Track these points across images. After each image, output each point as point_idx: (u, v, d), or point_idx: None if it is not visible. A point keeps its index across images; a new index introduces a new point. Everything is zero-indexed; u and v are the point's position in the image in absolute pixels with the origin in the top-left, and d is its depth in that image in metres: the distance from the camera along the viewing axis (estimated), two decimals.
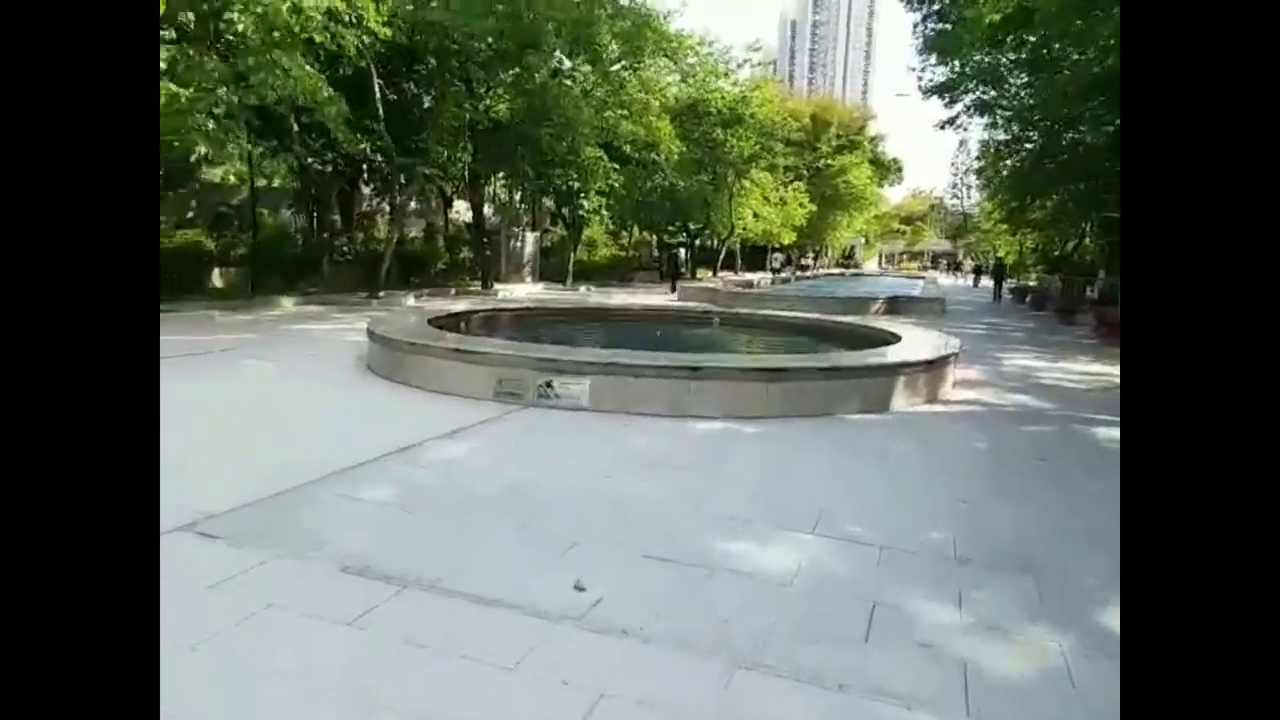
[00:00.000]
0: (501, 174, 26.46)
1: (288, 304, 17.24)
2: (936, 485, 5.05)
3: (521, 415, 6.51)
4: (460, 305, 16.73)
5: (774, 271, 43.78)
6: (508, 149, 21.63)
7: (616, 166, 24.07)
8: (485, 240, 24.16)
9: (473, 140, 21.88)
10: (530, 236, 30.84)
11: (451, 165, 21.06)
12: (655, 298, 24.08)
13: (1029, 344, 14.54)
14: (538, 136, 20.16)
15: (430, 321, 9.35)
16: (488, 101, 21.28)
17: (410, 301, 19.68)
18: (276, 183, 22.00)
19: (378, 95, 18.23)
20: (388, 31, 14.43)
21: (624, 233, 45.97)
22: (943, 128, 24.93)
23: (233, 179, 24.98)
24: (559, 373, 6.70)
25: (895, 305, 20.64)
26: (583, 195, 24.88)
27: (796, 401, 6.84)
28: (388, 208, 20.29)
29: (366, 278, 22.13)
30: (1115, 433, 6.90)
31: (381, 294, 19.86)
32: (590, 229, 44.27)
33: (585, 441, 5.78)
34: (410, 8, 15.19)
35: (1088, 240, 30.75)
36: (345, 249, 22.88)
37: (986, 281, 44.43)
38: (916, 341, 9.21)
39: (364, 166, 22.09)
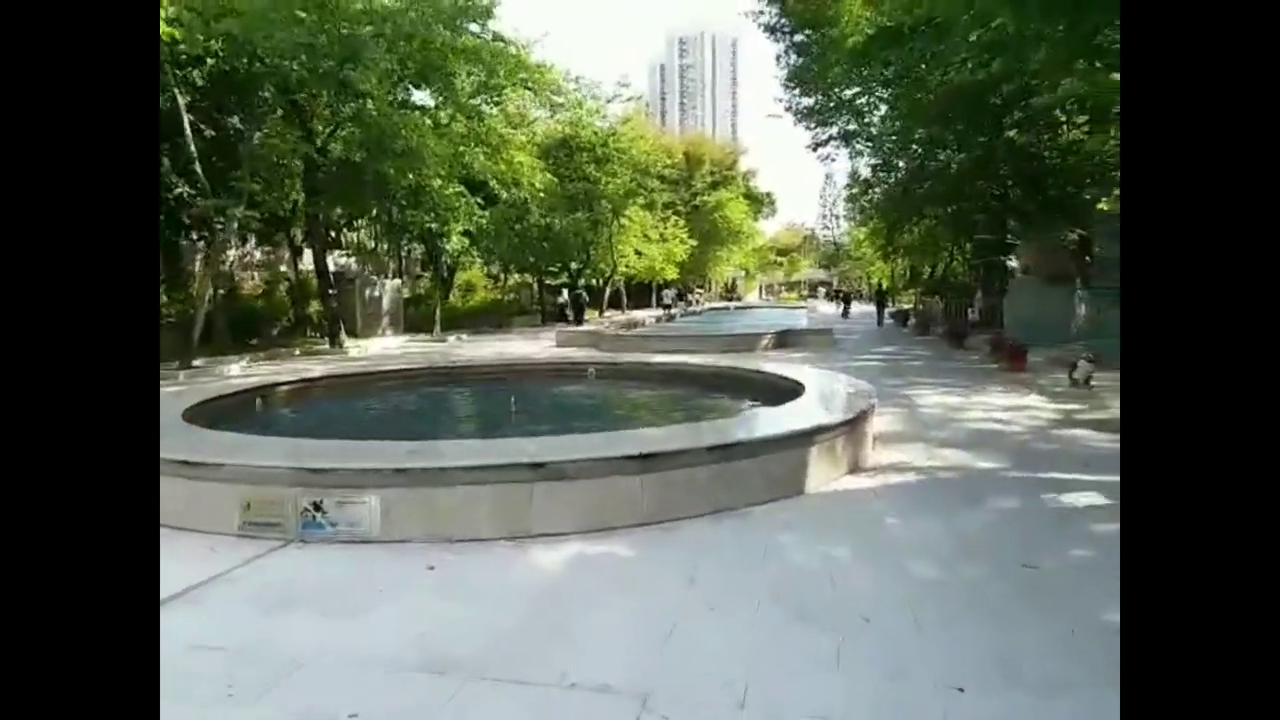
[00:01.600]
0: (356, 217, 23.72)
1: None
2: (905, 648, 3.20)
3: (271, 563, 4.24)
4: (287, 370, 14.05)
5: (665, 308, 43.07)
6: (350, 187, 19.06)
7: (480, 202, 21.93)
8: (331, 291, 21.26)
9: (308, 178, 19.22)
10: (389, 285, 28.01)
11: (278, 206, 18.26)
12: (532, 345, 21.93)
13: (932, 375, 13.42)
14: (381, 171, 17.75)
15: (192, 410, 6.82)
16: (322, 133, 18.72)
17: (234, 369, 16.63)
18: None
19: (187, 130, 15.43)
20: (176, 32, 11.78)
21: (504, 276, 43.83)
22: (814, 149, 24.48)
23: None
24: (333, 486, 4.48)
25: (785, 339, 19.45)
26: (444, 236, 22.50)
27: (681, 498, 4.92)
28: (200, 258, 17.10)
29: (185, 342, 18.90)
30: (1097, 499, 5.38)
31: (198, 361, 16.72)
32: (468, 272, 41.86)
33: (355, 619, 3.58)
34: (199, 18, 12.59)
35: (955, 263, 31.21)
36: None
37: (864, 307, 45.28)
38: (825, 391, 7.55)
39: (185, 215, 18.99)
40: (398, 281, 29.07)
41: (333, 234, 31.42)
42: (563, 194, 33.36)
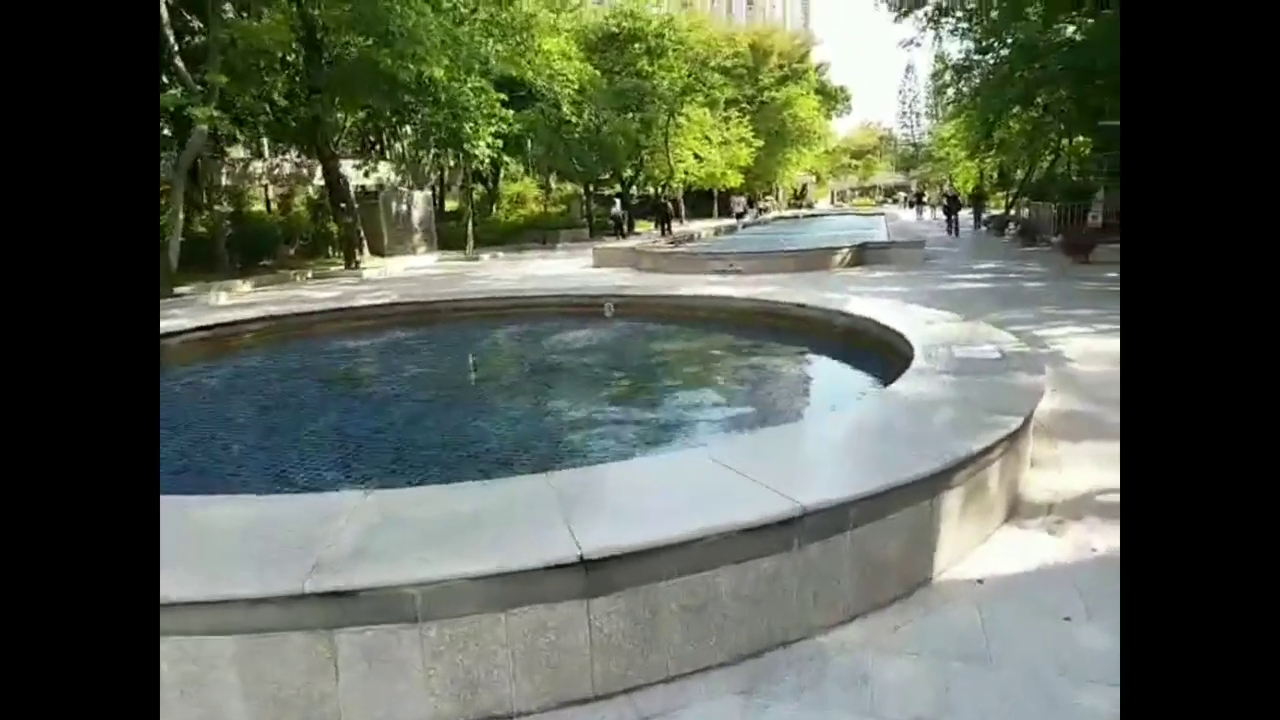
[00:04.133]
0: (353, 117, 21.00)
1: None
2: None
3: None
4: (271, 300, 11.91)
5: (738, 217, 40.34)
6: (349, 81, 16.36)
7: (504, 99, 18.92)
8: (343, 206, 18.92)
9: (309, 73, 16.59)
10: (420, 198, 25.54)
11: (256, 106, 15.76)
12: (567, 264, 19.30)
13: (1064, 304, 10.14)
14: (375, 61, 14.91)
15: None
16: (320, 16, 15.90)
17: (223, 298, 14.62)
18: None
19: (164, 16, 12.94)
20: None
21: (553, 186, 40.91)
22: (900, 17, 20.43)
23: None
24: None
25: (864, 254, 16.16)
26: (468, 140, 19.73)
27: (678, 636, 2.34)
28: (171, 166, 14.81)
29: (194, 263, 17.10)
30: None
31: (184, 289, 14.78)
32: (518, 184, 39.02)
33: None
34: None
35: (1058, 161, 26.51)
36: None
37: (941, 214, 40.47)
38: (946, 354, 4.73)
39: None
40: (428, 194, 26.49)
41: (376, 145, 29.06)
42: (611, 90, 29.81)
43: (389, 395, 6.62)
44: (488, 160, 23.38)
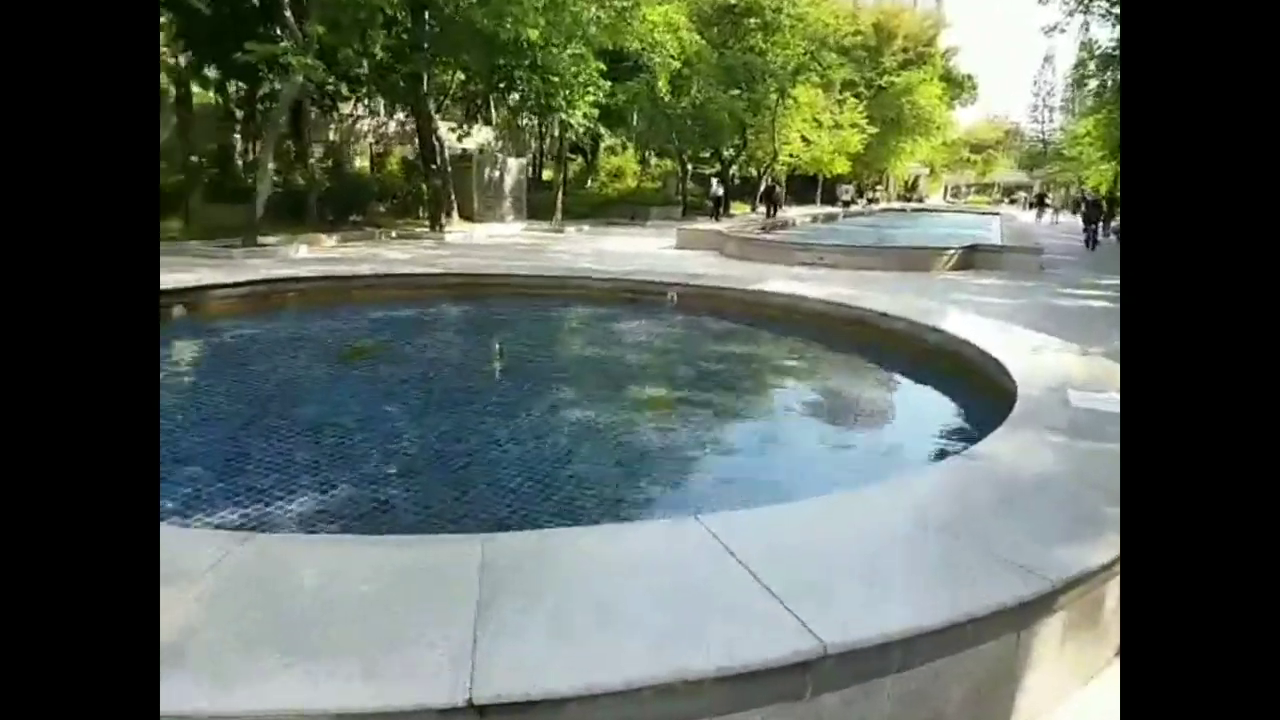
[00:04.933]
0: (452, 78, 20.73)
1: None
2: None
3: None
4: (353, 256, 11.75)
5: (844, 205, 39.04)
6: (451, 41, 16.04)
7: (602, 68, 18.23)
8: (435, 167, 18.78)
9: (415, 30, 16.39)
10: (513, 164, 25.27)
11: (355, 61, 15.63)
12: (649, 243, 18.56)
13: None
14: (475, 20, 14.47)
15: None
16: None
17: (302, 251, 14.67)
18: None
19: None
20: None
21: (652, 161, 40.13)
22: (1048, 33, 18.50)
23: None
24: None
25: (973, 256, 14.68)
26: (562, 109, 19.18)
27: None
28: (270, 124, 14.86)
29: (281, 214, 17.38)
30: None
31: (270, 240, 14.89)
32: (620, 157, 38.43)
33: None
34: None
35: None
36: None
37: (1067, 217, 36.92)
38: (1058, 388, 3.76)
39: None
40: (522, 162, 26.18)
41: (481, 110, 29.04)
42: (720, 65, 28.60)
43: (376, 381, 5.92)
44: (583, 130, 22.84)
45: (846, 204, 40.62)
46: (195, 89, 19.29)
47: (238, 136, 18.30)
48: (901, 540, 2.36)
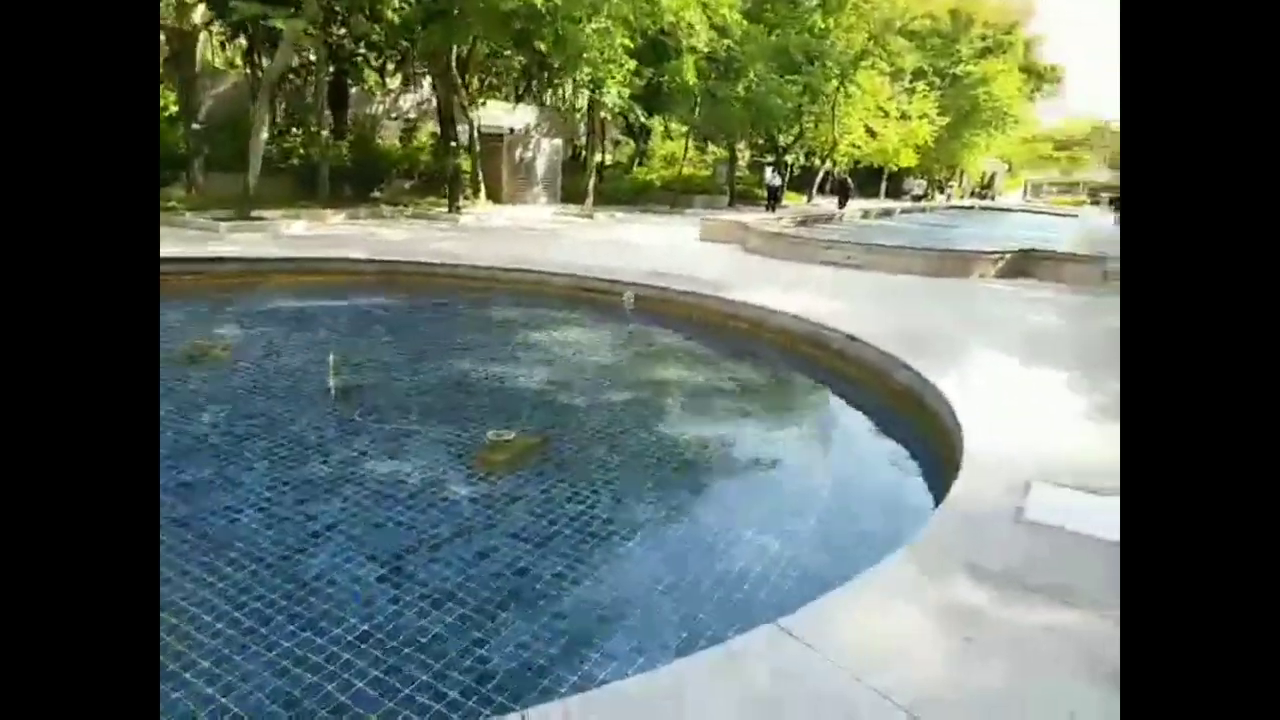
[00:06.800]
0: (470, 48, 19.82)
1: None
2: None
3: None
4: (336, 239, 10.95)
5: (914, 199, 37.05)
6: (463, 11, 15.11)
7: (628, 44, 17.01)
8: (454, 144, 17.96)
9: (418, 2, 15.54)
10: (547, 145, 24.30)
11: (368, 28, 14.83)
12: (672, 235, 17.29)
13: None
14: None
15: None
16: None
17: (298, 227, 14.02)
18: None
19: None
20: None
21: (712, 150, 38.67)
22: None
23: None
24: None
25: (1025, 263, 12.97)
26: (596, 88, 18.06)
27: None
28: (262, 89, 14.15)
29: (296, 187, 16.92)
30: None
31: (269, 214, 14.30)
32: (674, 142, 37.07)
33: None
34: None
35: None
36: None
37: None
38: (1018, 489, 2.51)
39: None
40: (557, 143, 25.18)
41: (525, 89, 28.19)
42: (771, 46, 26.93)
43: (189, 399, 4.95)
44: (617, 111, 21.68)
45: (917, 198, 38.72)
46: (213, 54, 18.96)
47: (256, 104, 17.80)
48: None
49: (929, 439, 3.80)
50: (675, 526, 3.49)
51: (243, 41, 19.32)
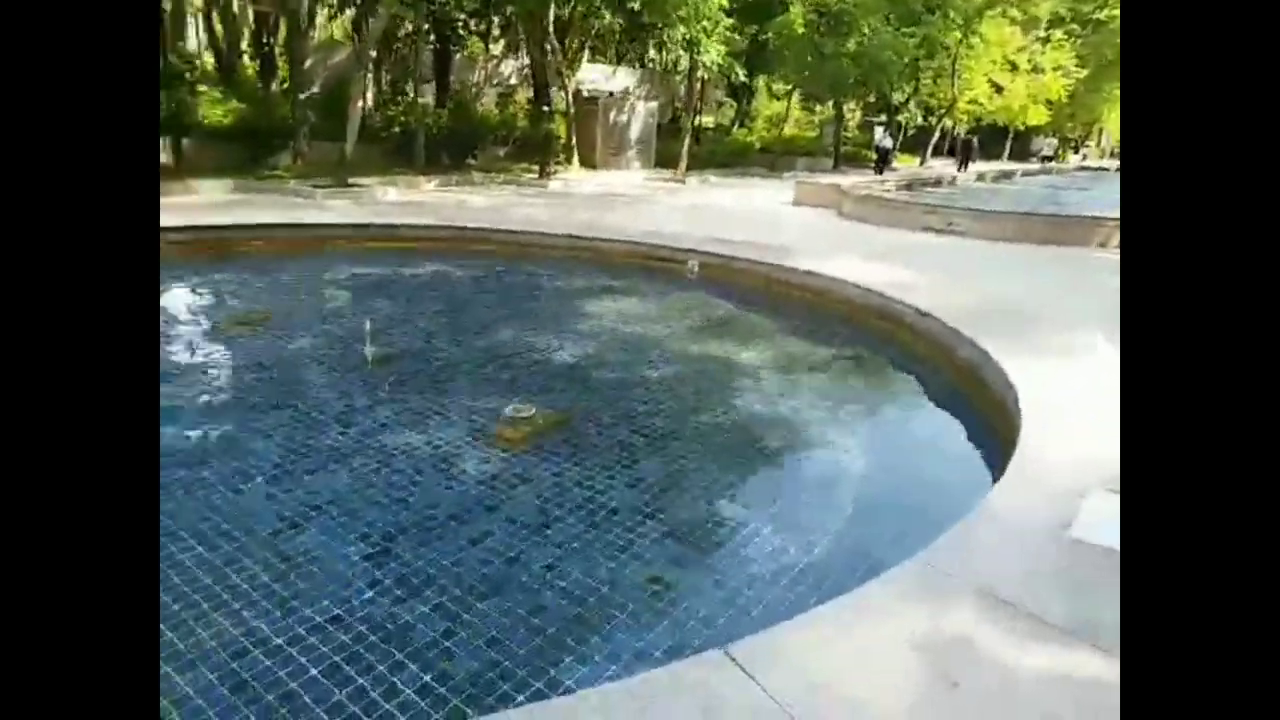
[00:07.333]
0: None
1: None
2: None
3: None
4: (433, 204, 11.11)
5: (1043, 160, 36.25)
6: None
7: (724, 4, 16.30)
8: (546, 110, 17.91)
9: None
10: (642, 109, 23.89)
11: None
12: (766, 199, 16.63)
13: None
14: None
15: None
16: None
17: (391, 194, 14.39)
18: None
19: None
20: None
21: (820, 109, 37.01)
22: None
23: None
24: None
25: None
26: (696, 49, 17.49)
27: None
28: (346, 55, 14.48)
29: (395, 155, 17.41)
30: None
31: (364, 180, 14.78)
32: (781, 103, 35.66)
33: None
34: None
35: None
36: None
37: None
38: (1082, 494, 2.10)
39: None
40: (652, 106, 24.70)
41: (627, 52, 27.84)
42: None
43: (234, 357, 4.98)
44: (716, 71, 20.98)
45: (1046, 159, 35.83)
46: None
47: (365, 73, 18.32)
48: None
49: (983, 432, 3.34)
50: (675, 522, 3.23)
51: (350, 12, 19.91)
